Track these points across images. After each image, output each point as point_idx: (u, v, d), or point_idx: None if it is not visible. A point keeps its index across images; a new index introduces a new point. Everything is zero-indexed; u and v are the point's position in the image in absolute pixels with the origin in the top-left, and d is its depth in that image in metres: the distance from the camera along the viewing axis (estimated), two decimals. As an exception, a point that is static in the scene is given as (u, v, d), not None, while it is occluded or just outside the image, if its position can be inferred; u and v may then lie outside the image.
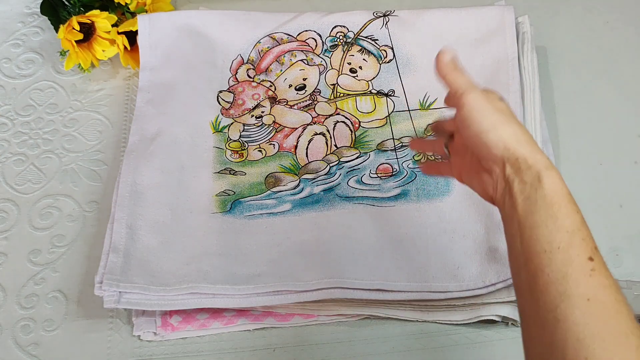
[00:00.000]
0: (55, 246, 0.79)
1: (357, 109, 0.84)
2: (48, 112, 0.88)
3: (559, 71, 0.89)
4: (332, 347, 0.72)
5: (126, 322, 0.74)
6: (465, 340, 0.72)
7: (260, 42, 0.88)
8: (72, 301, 0.75)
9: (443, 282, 0.71)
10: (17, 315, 0.75)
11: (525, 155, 0.50)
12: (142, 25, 0.86)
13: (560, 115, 0.85)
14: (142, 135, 0.81)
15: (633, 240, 0.77)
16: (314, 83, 0.86)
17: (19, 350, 0.73)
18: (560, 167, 0.81)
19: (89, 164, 0.84)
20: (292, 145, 0.82)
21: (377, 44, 0.88)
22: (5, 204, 0.81)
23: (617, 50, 0.90)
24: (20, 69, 0.91)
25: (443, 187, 0.78)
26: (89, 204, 0.81)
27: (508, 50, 0.84)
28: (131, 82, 0.89)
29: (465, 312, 0.72)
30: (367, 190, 0.78)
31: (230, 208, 0.78)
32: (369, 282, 0.71)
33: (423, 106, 0.84)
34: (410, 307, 0.72)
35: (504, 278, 0.70)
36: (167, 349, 0.73)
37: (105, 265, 0.71)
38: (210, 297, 0.70)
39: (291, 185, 0.79)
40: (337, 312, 0.73)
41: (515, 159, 0.50)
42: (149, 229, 0.75)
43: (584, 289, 0.45)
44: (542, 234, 0.48)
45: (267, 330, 0.74)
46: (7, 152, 0.85)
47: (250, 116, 0.84)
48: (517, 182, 0.50)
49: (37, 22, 0.94)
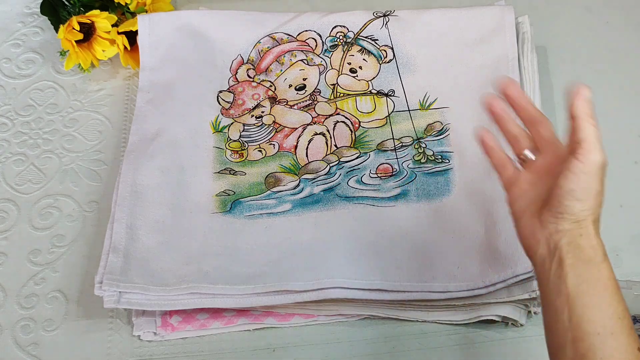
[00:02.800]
0: (55, 246, 0.79)
1: (357, 109, 0.84)
2: (48, 112, 0.88)
3: (559, 71, 0.89)
4: (332, 347, 0.72)
5: (126, 322, 0.74)
6: (465, 340, 0.72)
7: (260, 42, 0.88)
8: (72, 301, 0.75)
9: (443, 282, 0.71)
10: (17, 315, 0.75)
11: (590, 235, 0.51)
12: (142, 25, 0.86)
13: (560, 115, 0.85)
14: (142, 135, 0.81)
15: (633, 240, 0.77)
16: (314, 83, 0.86)
17: (19, 350, 0.73)
18: (560, 167, 0.81)
19: (89, 164, 0.84)
20: (292, 145, 0.82)
21: (377, 44, 0.88)
22: (5, 204, 0.81)
23: (617, 50, 0.90)
24: (20, 69, 0.91)
25: (443, 187, 0.78)
26: (89, 204, 0.81)
27: (508, 50, 0.84)
28: (131, 82, 0.89)
29: (465, 312, 0.72)
30: (367, 190, 0.78)
31: (230, 208, 0.78)
32: (369, 282, 0.71)
33: (423, 106, 0.84)
34: (410, 307, 0.72)
35: (504, 278, 0.70)
36: (167, 349, 0.73)
37: (105, 265, 0.71)
38: (210, 297, 0.70)
39: (291, 185, 0.79)
40: (337, 312, 0.73)
41: (580, 234, 0.51)
42: (149, 229, 0.75)
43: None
44: (597, 316, 0.49)
45: (267, 330, 0.74)
46: (7, 152, 0.85)
47: (250, 116, 0.84)
48: (571, 256, 0.50)
49: (37, 22, 0.94)
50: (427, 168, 0.79)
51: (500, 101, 0.58)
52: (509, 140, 0.58)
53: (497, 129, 0.60)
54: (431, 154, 0.80)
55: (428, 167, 0.79)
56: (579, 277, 0.50)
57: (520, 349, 0.71)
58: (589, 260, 0.50)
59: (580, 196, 0.50)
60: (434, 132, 0.82)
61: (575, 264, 0.50)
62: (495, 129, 0.59)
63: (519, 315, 0.71)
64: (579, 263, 0.50)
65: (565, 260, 0.50)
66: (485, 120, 0.80)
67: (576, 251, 0.50)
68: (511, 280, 0.69)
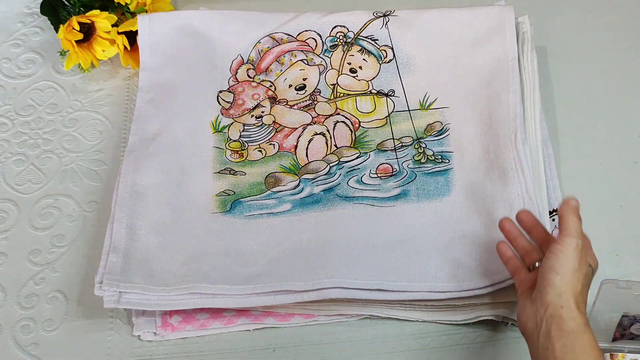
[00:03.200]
0: (55, 246, 0.79)
1: (357, 109, 0.84)
2: (48, 112, 0.88)
3: (559, 71, 0.89)
4: (332, 347, 0.72)
5: (126, 322, 0.74)
6: (465, 340, 0.72)
7: (260, 42, 0.88)
8: (72, 301, 0.75)
9: (443, 282, 0.71)
10: (17, 315, 0.75)
11: (571, 307, 0.58)
12: (142, 25, 0.86)
13: (560, 115, 0.85)
14: (142, 135, 0.81)
15: (633, 240, 0.77)
16: (314, 83, 0.86)
17: (19, 350, 0.73)
18: (560, 167, 0.81)
19: (89, 164, 0.84)
20: (292, 145, 0.82)
21: (377, 44, 0.88)
22: (5, 204, 0.81)
23: (617, 50, 0.90)
24: (20, 69, 0.91)
25: (443, 187, 0.78)
26: (89, 204, 0.81)
27: (508, 50, 0.84)
28: (131, 82, 0.89)
29: (465, 312, 0.72)
30: (367, 190, 0.78)
31: (230, 208, 0.78)
32: (369, 282, 0.71)
33: (423, 106, 0.84)
34: (410, 307, 0.72)
35: (504, 278, 0.70)
36: (167, 349, 0.73)
37: (105, 265, 0.71)
38: (210, 297, 0.70)
39: (291, 185, 0.79)
40: (337, 312, 0.73)
41: (561, 306, 0.58)
42: (149, 229, 0.75)
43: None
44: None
45: (267, 330, 0.74)
46: (7, 152, 0.85)
47: (250, 116, 0.84)
48: (555, 327, 0.58)
49: (37, 22, 0.94)
50: (427, 168, 0.79)
51: (512, 222, 0.69)
52: (521, 254, 0.68)
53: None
54: (431, 154, 0.80)
55: (428, 167, 0.79)
56: (564, 347, 0.57)
57: (520, 349, 0.71)
58: (572, 331, 0.57)
59: (559, 270, 0.59)
60: (434, 132, 0.82)
61: (559, 335, 0.57)
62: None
63: (519, 315, 0.71)
64: (563, 334, 0.57)
65: (551, 332, 0.58)
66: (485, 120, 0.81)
67: (559, 322, 0.58)
68: (511, 280, 0.69)
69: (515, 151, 0.76)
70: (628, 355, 0.67)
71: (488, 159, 0.78)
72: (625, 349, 0.67)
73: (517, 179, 0.75)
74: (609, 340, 0.67)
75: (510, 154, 0.76)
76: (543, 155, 0.79)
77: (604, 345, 0.67)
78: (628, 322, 0.68)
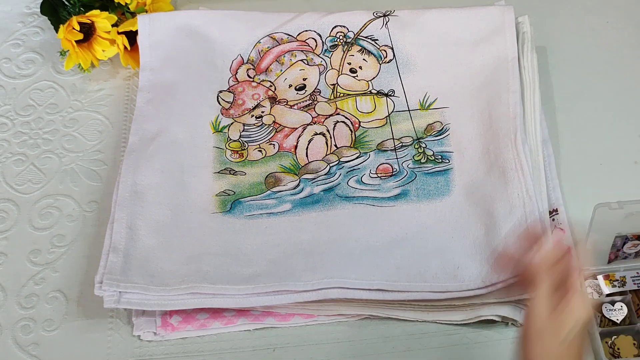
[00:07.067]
0: (55, 246, 0.79)
1: (357, 109, 0.84)
2: (48, 112, 0.88)
3: (559, 71, 0.89)
4: (332, 347, 0.72)
5: (126, 322, 0.74)
6: (465, 340, 0.72)
7: (260, 42, 0.88)
8: (72, 301, 0.75)
9: (443, 282, 0.71)
10: (17, 315, 0.75)
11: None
12: (142, 25, 0.86)
13: (560, 115, 0.85)
14: (142, 135, 0.81)
15: (633, 240, 0.77)
16: (314, 83, 0.86)
17: (19, 350, 0.73)
18: (560, 167, 0.81)
19: (89, 164, 0.84)
20: (292, 145, 0.82)
21: (377, 44, 0.88)
22: (5, 204, 0.81)
23: (617, 50, 0.90)
24: (20, 69, 0.91)
25: (443, 187, 0.78)
26: (89, 204, 0.81)
27: (508, 50, 0.84)
28: (131, 82, 0.89)
29: (465, 312, 0.72)
30: (367, 190, 0.78)
31: (230, 208, 0.78)
32: (369, 282, 0.71)
33: (423, 106, 0.84)
34: (410, 307, 0.72)
35: (504, 278, 0.70)
36: (167, 349, 0.73)
37: (105, 265, 0.71)
38: (210, 297, 0.70)
39: (291, 185, 0.79)
40: (337, 312, 0.73)
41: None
42: (149, 229, 0.75)
43: None
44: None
45: (267, 330, 0.73)
46: (7, 152, 0.85)
47: (250, 116, 0.84)
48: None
49: (37, 22, 0.94)
50: (427, 168, 0.79)
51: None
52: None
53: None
54: (431, 154, 0.80)
55: (428, 167, 0.79)
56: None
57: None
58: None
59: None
60: (434, 132, 0.82)
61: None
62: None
63: (519, 315, 0.71)
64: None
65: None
66: (485, 120, 0.81)
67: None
68: (511, 280, 0.69)
69: (515, 151, 0.76)
70: (617, 273, 0.72)
71: (488, 159, 0.78)
72: (621, 269, 0.72)
73: (517, 179, 0.75)
74: (605, 263, 0.71)
75: (510, 154, 0.76)
76: (543, 155, 0.79)
77: (602, 267, 0.71)
78: (621, 242, 0.70)
